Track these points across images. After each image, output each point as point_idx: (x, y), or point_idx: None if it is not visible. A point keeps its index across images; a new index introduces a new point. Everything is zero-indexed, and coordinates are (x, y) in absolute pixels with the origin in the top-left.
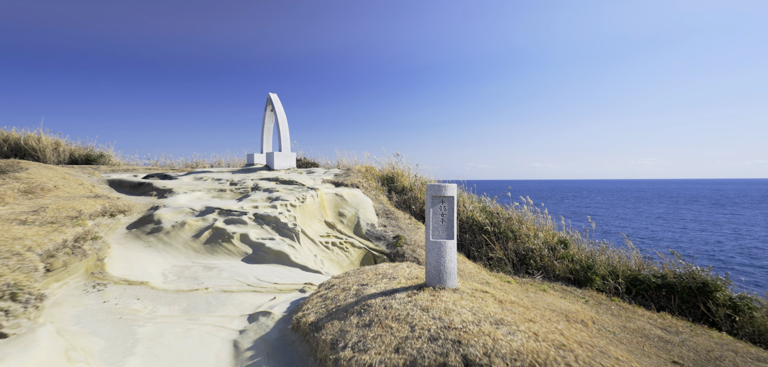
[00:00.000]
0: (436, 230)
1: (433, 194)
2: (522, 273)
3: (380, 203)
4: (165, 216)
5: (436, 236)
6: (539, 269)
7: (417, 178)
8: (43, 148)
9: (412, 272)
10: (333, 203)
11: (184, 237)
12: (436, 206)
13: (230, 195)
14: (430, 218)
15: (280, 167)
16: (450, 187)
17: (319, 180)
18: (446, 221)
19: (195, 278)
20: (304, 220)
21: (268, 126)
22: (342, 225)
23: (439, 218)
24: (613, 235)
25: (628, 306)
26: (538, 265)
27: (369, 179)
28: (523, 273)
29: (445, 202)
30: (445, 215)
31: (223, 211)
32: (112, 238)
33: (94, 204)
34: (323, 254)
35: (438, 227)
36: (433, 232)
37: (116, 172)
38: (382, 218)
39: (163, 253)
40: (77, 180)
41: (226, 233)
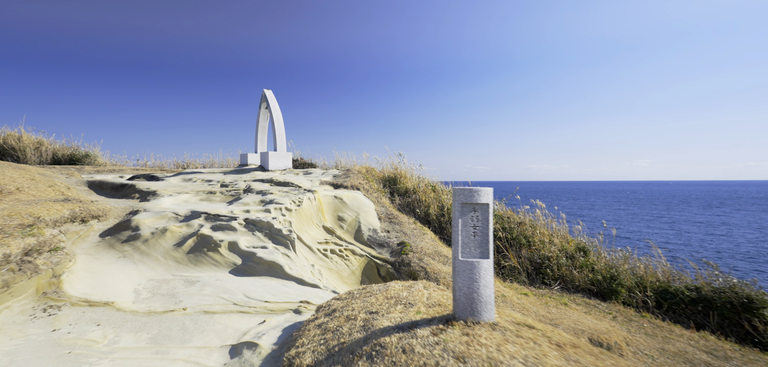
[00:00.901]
0: (466, 247)
1: (462, 200)
2: (538, 283)
3: (382, 206)
4: (144, 222)
5: (466, 254)
6: (557, 279)
7: (420, 179)
8: (24, 148)
9: (432, 296)
10: (332, 206)
11: (164, 246)
12: (466, 216)
13: (220, 198)
14: (460, 230)
15: (275, 168)
16: (484, 192)
17: (316, 182)
18: (480, 235)
19: (173, 295)
20: (301, 225)
21: (262, 124)
22: (342, 230)
23: (470, 232)
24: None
25: (662, 323)
26: (555, 274)
27: (370, 181)
28: (539, 283)
29: (478, 211)
30: (479, 227)
31: (211, 216)
32: (81, 247)
33: (60, 209)
34: (321, 262)
35: (469, 243)
36: (463, 248)
37: (101, 173)
38: (385, 223)
39: (139, 264)
40: (50, 181)
41: (212, 241)
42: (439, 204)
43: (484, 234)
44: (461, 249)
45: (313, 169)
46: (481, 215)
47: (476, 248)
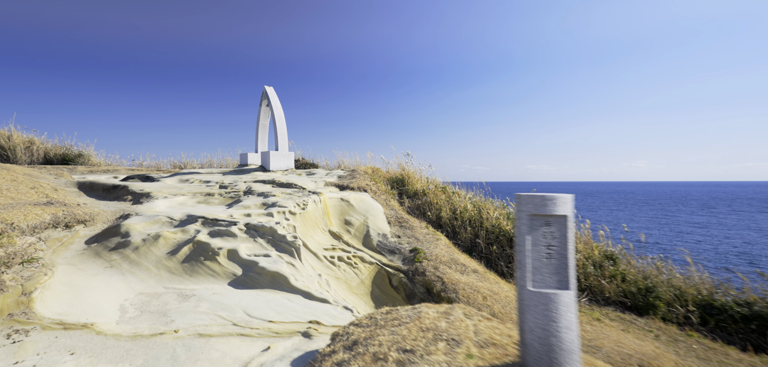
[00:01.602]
0: (538, 273)
1: (530, 210)
2: None
3: (391, 209)
4: (135, 227)
5: (539, 283)
6: (584, 290)
7: (430, 181)
8: (14, 147)
9: (481, 330)
10: (338, 209)
11: (157, 254)
12: (536, 232)
13: (219, 200)
14: (528, 251)
15: (276, 168)
16: (561, 200)
17: (321, 183)
18: (556, 257)
19: (164, 312)
20: (306, 230)
21: (263, 123)
22: (349, 235)
23: (541, 253)
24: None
25: (713, 344)
26: (581, 285)
27: (377, 182)
28: None
29: (554, 225)
30: (555, 247)
31: (209, 220)
32: (62, 256)
33: (41, 213)
34: (328, 271)
35: (541, 268)
36: (533, 275)
37: (94, 174)
38: (395, 227)
39: (127, 275)
40: (34, 182)
41: (210, 249)
42: (452, 207)
43: (562, 256)
44: (531, 276)
45: (316, 170)
46: (558, 231)
47: (551, 274)
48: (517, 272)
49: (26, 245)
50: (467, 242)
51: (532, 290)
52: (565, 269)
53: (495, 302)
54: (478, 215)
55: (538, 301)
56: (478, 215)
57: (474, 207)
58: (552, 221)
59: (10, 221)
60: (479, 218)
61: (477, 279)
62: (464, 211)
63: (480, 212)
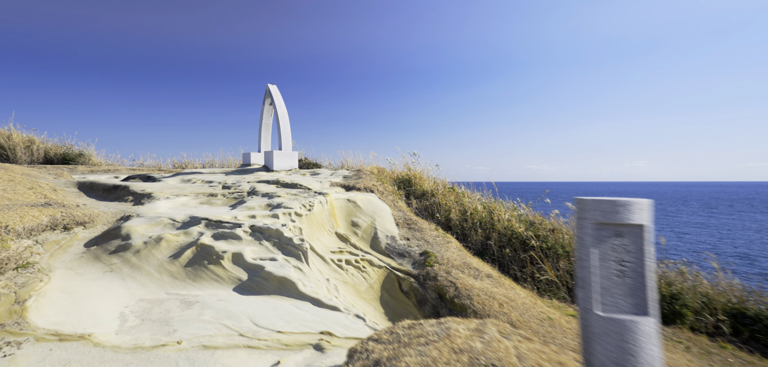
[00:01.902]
0: (608, 294)
1: (597, 218)
2: None
3: (399, 210)
4: (136, 229)
5: (610, 307)
6: None
7: (437, 181)
8: (14, 147)
9: (525, 356)
10: (345, 210)
11: (159, 258)
12: (604, 244)
13: (222, 201)
14: (594, 267)
15: (280, 168)
16: (637, 206)
17: (326, 183)
18: (631, 276)
19: (166, 321)
20: (312, 232)
21: (266, 122)
22: (356, 237)
23: (612, 269)
24: None
25: (749, 357)
26: None
27: (384, 182)
28: None
29: (627, 236)
30: (629, 263)
31: (212, 222)
32: (61, 260)
33: (38, 215)
34: (336, 275)
35: (613, 288)
36: (603, 297)
37: (94, 173)
38: (404, 229)
39: (128, 280)
40: (32, 183)
41: (214, 252)
42: (461, 208)
43: (639, 274)
44: (599, 298)
45: (320, 170)
46: (633, 243)
47: (626, 296)
48: (580, 292)
49: (21, 248)
50: (478, 244)
51: (602, 316)
52: (642, 291)
53: (512, 309)
54: (488, 217)
55: (610, 329)
56: (488, 217)
57: (484, 209)
58: (625, 232)
59: (4, 224)
60: (490, 220)
61: (491, 284)
62: (474, 212)
63: (491, 214)
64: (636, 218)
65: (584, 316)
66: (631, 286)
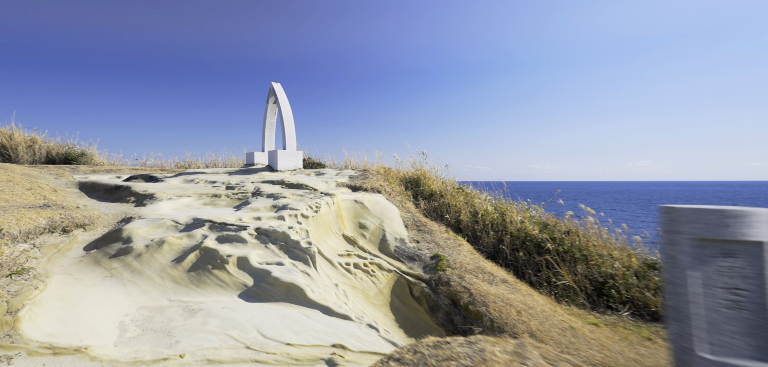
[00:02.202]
0: (716, 331)
1: (700, 232)
2: (601, 307)
3: (408, 211)
4: (138, 232)
5: (719, 349)
6: (625, 303)
7: (446, 181)
8: (15, 146)
9: None
10: (352, 211)
11: (161, 262)
12: (708, 266)
13: (226, 202)
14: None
15: (284, 168)
16: (755, 218)
17: (332, 183)
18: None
19: (168, 331)
20: (319, 234)
21: (270, 120)
22: (364, 240)
23: (720, 299)
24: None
25: None
26: (622, 297)
27: (391, 183)
28: (602, 307)
29: (743, 256)
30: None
31: (216, 224)
32: (59, 265)
33: (35, 217)
34: (344, 279)
35: (723, 323)
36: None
37: (96, 173)
38: (413, 231)
39: (129, 286)
40: (32, 183)
41: (218, 256)
42: (472, 209)
43: (760, 307)
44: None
45: (325, 170)
46: (751, 266)
47: (744, 336)
48: (673, 325)
49: (17, 253)
50: (490, 247)
51: (710, 359)
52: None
53: (531, 317)
54: (500, 218)
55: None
56: (500, 218)
57: (495, 210)
58: (738, 251)
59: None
60: (502, 221)
61: (507, 290)
62: (485, 214)
63: (502, 215)
64: (754, 233)
65: (681, 357)
66: (751, 322)
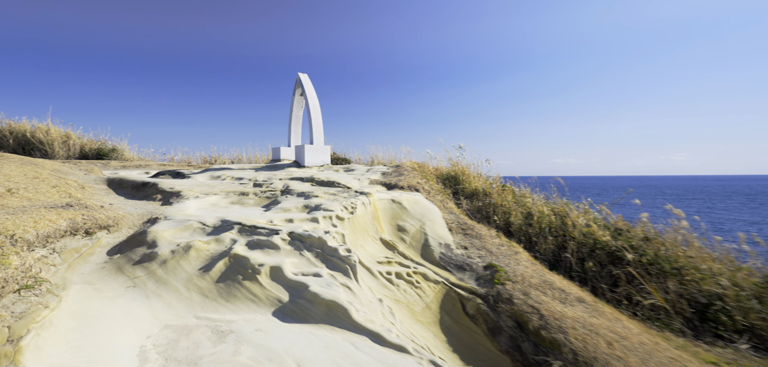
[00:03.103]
0: None
1: None
2: (706, 335)
3: (450, 212)
4: (163, 235)
5: None
6: (741, 332)
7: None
8: (52, 141)
9: None
10: (389, 212)
11: (188, 270)
12: None
13: (254, 201)
14: None
15: (312, 163)
16: None
17: (365, 181)
18: None
19: (194, 361)
20: (355, 238)
21: (296, 114)
22: (404, 245)
23: None
24: None
25: None
26: (736, 324)
27: (429, 180)
28: (708, 335)
29: None
30: None
31: (246, 227)
32: (79, 272)
33: (56, 219)
34: (386, 292)
35: None
36: None
37: (126, 169)
38: (458, 235)
39: (153, 299)
40: (58, 180)
41: (249, 265)
42: (524, 211)
43: None
44: None
45: (354, 166)
46: None
47: None
48: None
49: (31, 261)
50: (548, 254)
51: None
52: None
53: (628, 351)
54: (559, 221)
55: None
56: (559, 221)
57: (551, 211)
58: None
59: (11, 232)
60: (562, 225)
61: (587, 312)
62: (541, 216)
63: (563, 218)
64: None
65: None
66: None
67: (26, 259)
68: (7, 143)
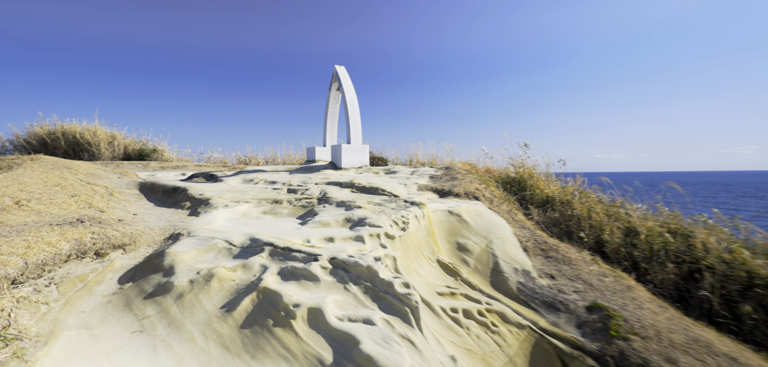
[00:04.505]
0: None
1: None
2: None
3: (521, 226)
4: (183, 258)
5: None
6: None
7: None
8: (98, 143)
9: None
10: (446, 227)
11: (207, 309)
12: None
13: (288, 210)
14: None
15: (349, 165)
16: None
17: (412, 187)
18: None
19: None
20: (408, 261)
21: (332, 110)
22: (467, 269)
23: None
24: None
25: None
26: None
27: (489, 185)
28: None
29: None
30: None
31: (278, 250)
32: (77, 311)
33: (58, 240)
34: (452, 336)
35: None
36: None
37: (164, 169)
38: (537, 258)
39: (161, 353)
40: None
41: (282, 305)
42: (623, 226)
43: None
44: None
45: (396, 168)
46: None
47: None
48: None
49: (6, 304)
50: (668, 287)
51: None
52: None
53: None
54: (683, 242)
55: None
56: (683, 242)
57: (665, 228)
58: None
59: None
60: (686, 247)
61: None
62: (652, 235)
63: (687, 238)
64: None
65: None
66: None
67: (12, 299)
68: (60, 145)
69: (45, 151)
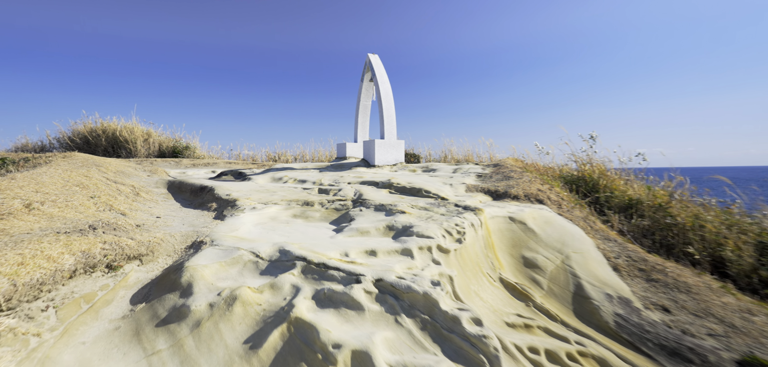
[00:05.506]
0: None
1: None
2: None
3: (605, 237)
4: (203, 274)
5: None
6: None
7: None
8: (135, 140)
9: None
10: (508, 237)
11: (228, 342)
12: None
13: (320, 213)
14: None
15: (383, 162)
16: None
17: (459, 187)
18: None
19: None
20: (466, 280)
21: (364, 103)
22: (540, 292)
23: None
24: None
25: None
26: None
27: (554, 186)
28: None
29: None
30: None
31: (312, 266)
32: (78, 343)
33: (62, 252)
34: None
35: None
36: None
37: (195, 167)
38: (637, 281)
39: None
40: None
41: (319, 345)
42: (755, 241)
43: None
44: None
45: (436, 165)
46: None
47: None
48: None
49: None
50: None
51: None
52: None
53: None
54: None
55: None
56: None
57: None
58: None
59: None
60: None
61: None
62: None
63: None
64: None
65: None
66: None
67: None
68: (101, 142)
69: (87, 148)
